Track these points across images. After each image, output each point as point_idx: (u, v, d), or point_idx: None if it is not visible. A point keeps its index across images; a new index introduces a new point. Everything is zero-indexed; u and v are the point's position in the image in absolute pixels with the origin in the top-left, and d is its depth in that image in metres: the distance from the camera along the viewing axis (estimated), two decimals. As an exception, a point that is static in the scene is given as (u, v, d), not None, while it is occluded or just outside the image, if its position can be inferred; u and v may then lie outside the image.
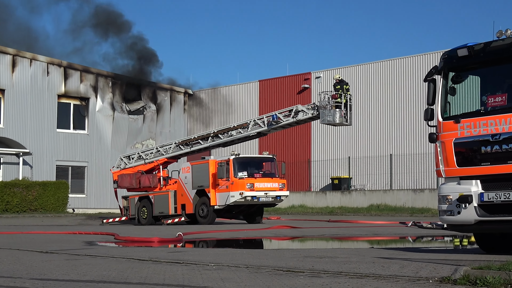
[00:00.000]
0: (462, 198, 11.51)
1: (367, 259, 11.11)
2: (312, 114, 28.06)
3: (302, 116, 28.27)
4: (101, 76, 46.03)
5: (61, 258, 12.13)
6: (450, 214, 11.75)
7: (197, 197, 28.90)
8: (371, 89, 42.88)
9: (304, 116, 28.24)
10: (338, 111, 27.28)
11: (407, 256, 11.56)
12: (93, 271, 9.92)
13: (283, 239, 20.04)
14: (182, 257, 11.88)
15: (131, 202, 31.82)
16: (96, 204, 44.06)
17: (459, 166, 11.73)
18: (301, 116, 28.27)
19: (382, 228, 23.42)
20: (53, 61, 44.15)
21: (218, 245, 17.68)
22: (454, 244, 15.68)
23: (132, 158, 33.03)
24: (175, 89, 50.10)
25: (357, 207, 38.61)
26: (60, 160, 43.83)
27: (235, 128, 30.00)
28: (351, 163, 42.32)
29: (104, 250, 14.51)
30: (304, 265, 10.22)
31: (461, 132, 11.72)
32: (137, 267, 10.37)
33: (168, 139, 45.73)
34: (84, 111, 45.50)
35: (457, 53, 11.94)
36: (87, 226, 28.59)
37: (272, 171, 28.93)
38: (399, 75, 41.90)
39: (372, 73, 43.15)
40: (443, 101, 12.19)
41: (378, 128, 42.38)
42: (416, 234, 20.51)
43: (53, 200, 39.93)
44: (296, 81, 46.81)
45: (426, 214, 33.42)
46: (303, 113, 28.21)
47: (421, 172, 39.42)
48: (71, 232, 21.93)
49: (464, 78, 12.26)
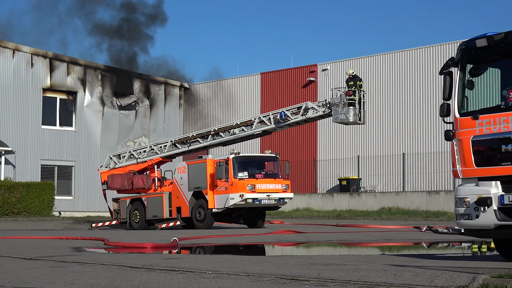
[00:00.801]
0: (481, 200, 11.50)
1: (378, 267, 11.11)
2: (323, 112, 28.20)
3: (312, 114, 28.37)
4: (90, 68, 46.05)
5: (46, 265, 12.14)
6: (467, 218, 11.75)
7: (193, 200, 28.91)
8: (382, 83, 42.87)
9: (315, 114, 28.34)
10: (352, 109, 27.41)
11: (421, 264, 11.57)
12: (81, 280, 9.93)
13: (286, 245, 20.06)
14: (178, 265, 11.89)
15: (122, 205, 31.84)
16: (84, 207, 44.09)
17: (477, 166, 11.73)
18: (311, 114, 28.37)
19: (394, 233, 23.45)
20: (38, 52, 44.17)
21: (217, 251, 17.70)
22: (472, 250, 15.70)
23: (122, 157, 33.04)
24: (170, 82, 50.11)
25: (367, 210, 38.61)
26: (45, 159, 43.86)
27: (238, 125, 30.03)
28: (360, 163, 42.31)
29: (93, 257, 14.53)
30: (309, 273, 10.23)
31: (479, 129, 11.72)
32: (128, 275, 10.38)
33: (162, 136, 45.73)
34: (71, 106, 45.52)
35: (476, 43, 11.93)
36: (74, 231, 28.61)
37: (275, 171, 28.94)
38: (413, 68, 41.88)
39: (383, 65, 43.14)
40: (460, 95, 12.19)
41: (390, 124, 42.38)
42: (431, 240, 20.52)
43: (38, 202, 39.95)
44: (301, 73, 46.81)
45: (441, 218, 33.43)
46: (314, 111, 28.31)
47: (436, 172, 39.40)
48: (57, 237, 21.95)
49: (483, 71, 12.25)
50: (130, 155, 32.77)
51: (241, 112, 48.64)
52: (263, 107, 47.72)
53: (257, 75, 49.56)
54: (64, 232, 26.85)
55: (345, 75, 29.68)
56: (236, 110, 49.23)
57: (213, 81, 52.37)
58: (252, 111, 48.28)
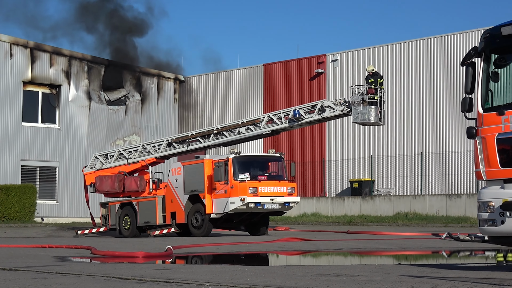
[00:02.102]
0: (507, 205, 11.51)
1: (393, 278, 11.12)
2: (341, 111, 28.47)
3: (329, 113, 28.63)
4: (75, 59, 46.09)
5: (27, 277, 12.16)
6: (492, 224, 11.76)
7: (189, 204, 28.92)
8: (398, 75, 42.86)
9: (332, 113, 28.58)
10: (374, 109, 27.73)
11: (441, 274, 11.57)
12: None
13: (292, 253, 20.08)
14: (172, 276, 11.90)
15: (111, 210, 31.86)
16: (69, 212, 44.13)
17: (503, 166, 11.73)
18: (327, 113, 28.62)
19: (411, 241, 23.46)
20: (18, 41, 44.21)
21: (215, 261, 17.71)
22: (497, 259, 15.71)
23: (110, 156, 33.04)
24: (163, 74, 50.13)
25: (381, 215, 38.62)
26: (26, 160, 43.91)
27: (244, 124, 30.10)
28: (374, 163, 42.32)
29: (79, 267, 14.54)
30: (317, 285, 10.24)
31: (505, 126, 11.72)
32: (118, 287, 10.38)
33: (154, 134, 45.77)
34: (54, 101, 45.57)
35: (501, 31, 11.93)
36: (58, 239, 28.63)
37: (279, 173, 28.97)
38: (431, 58, 41.87)
39: (399, 55, 43.13)
40: (484, 88, 12.19)
41: (406, 121, 42.36)
42: (452, 248, 20.52)
43: (18, 207, 39.99)
44: (308, 65, 46.82)
45: (463, 224, 33.45)
46: (330, 110, 28.50)
47: (458, 174, 39.41)
48: (40, 246, 21.97)
49: (509, 61, 12.26)
50: (119, 155, 32.78)
51: (242, 107, 48.65)
52: (266, 101, 47.74)
53: (260, 66, 49.56)
54: (47, 240, 26.87)
55: (365, 71, 29.90)
56: (236, 105, 49.25)
57: (211, 73, 52.36)
58: (253, 106, 48.31)
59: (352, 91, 28.72)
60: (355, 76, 43.81)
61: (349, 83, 44.15)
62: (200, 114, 51.11)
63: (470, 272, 12.28)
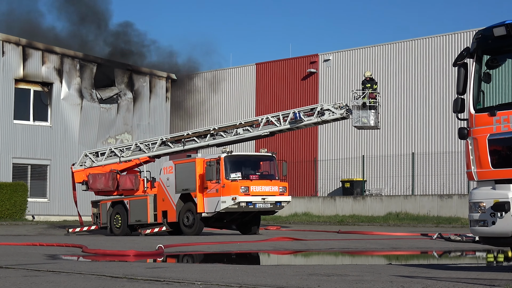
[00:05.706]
0: (498, 205, 11.53)
1: (384, 278, 11.13)
2: (340, 115, 28.83)
3: (328, 116, 28.93)
4: (67, 57, 45.98)
5: (18, 275, 12.13)
6: (483, 224, 11.78)
7: (181, 203, 28.91)
8: (390, 75, 42.93)
9: (331, 116, 28.91)
10: (373, 113, 28.40)
11: (432, 275, 11.59)
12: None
13: (283, 253, 20.09)
14: (163, 274, 11.90)
15: (102, 208, 31.82)
16: (61, 211, 44.03)
17: (494, 167, 11.75)
18: (327, 116, 28.93)
19: (402, 241, 23.50)
20: (10, 38, 44.08)
21: (206, 259, 17.71)
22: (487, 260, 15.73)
23: (101, 154, 32.95)
24: (155, 73, 50.05)
25: (372, 215, 38.67)
26: (17, 158, 43.80)
27: (242, 125, 30.16)
28: (365, 163, 42.37)
29: (70, 265, 14.52)
30: (308, 284, 10.24)
31: (497, 126, 11.74)
32: (109, 286, 10.38)
33: (146, 132, 45.70)
34: (46, 99, 45.46)
35: (493, 32, 11.95)
36: (49, 237, 28.59)
37: (271, 172, 28.98)
38: (423, 59, 41.94)
39: (391, 56, 43.20)
40: (476, 89, 12.21)
41: (398, 121, 42.43)
42: (443, 248, 20.56)
43: (9, 205, 39.90)
44: (301, 64, 46.85)
45: (454, 225, 33.52)
46: (330, 113, 28.72)
47: (449, 174, 39.48)
48: (31, 244, 21.92)
49: (501, 62, 12.27)
50: (111, 153, 32.71)
51: (234, 105, 48.67)
52: (258, 100, 47.76)
53: (252, 65, 49.58)
54: (38, 238, 26.82)
55: (361, 75, 30.41)
56: (229, 103, 49.25)
57: (203, 72, 52.35)
58: (246, 105, 48.32)
59: (353, 95, 29.15)
60: (348, 76, 43.89)
61: (341, 83, 44.33)
62: (192, 113, 51.08)
63: (461, 273, 12.30)
